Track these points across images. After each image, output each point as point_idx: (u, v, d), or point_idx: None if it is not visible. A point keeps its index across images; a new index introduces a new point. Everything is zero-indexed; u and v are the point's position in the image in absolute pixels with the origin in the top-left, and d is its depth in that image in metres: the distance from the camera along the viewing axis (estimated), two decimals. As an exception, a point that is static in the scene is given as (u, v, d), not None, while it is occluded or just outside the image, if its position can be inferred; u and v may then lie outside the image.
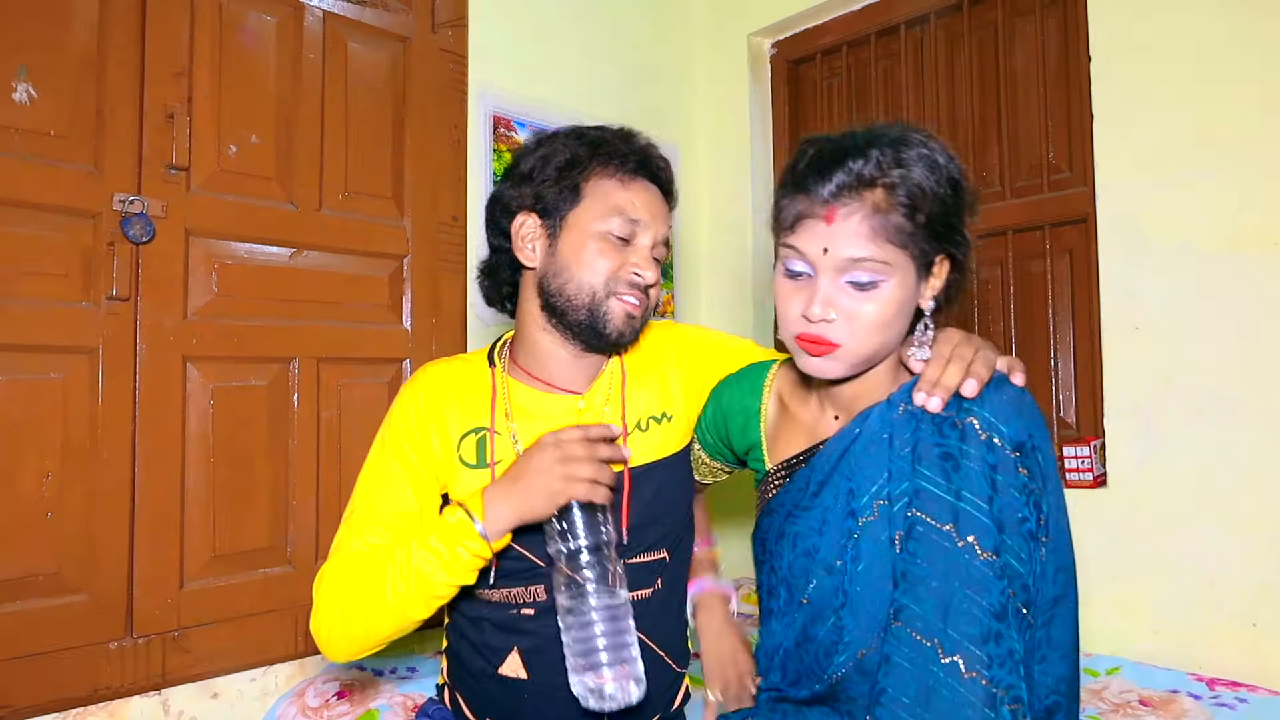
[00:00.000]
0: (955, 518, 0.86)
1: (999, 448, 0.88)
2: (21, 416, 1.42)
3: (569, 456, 1.02)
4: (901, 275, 0.90)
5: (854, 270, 0.89)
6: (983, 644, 0.82)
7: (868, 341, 0.92)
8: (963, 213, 0.94)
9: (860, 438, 0.97)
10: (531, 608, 1.14)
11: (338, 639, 1.09)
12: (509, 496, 1.03)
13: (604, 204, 1.14)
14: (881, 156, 0.89)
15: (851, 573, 0.94)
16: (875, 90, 2.41)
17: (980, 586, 0.83)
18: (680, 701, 1.26)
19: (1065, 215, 2.02)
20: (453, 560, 1.02)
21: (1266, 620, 1.66)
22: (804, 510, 1.00)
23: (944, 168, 0.91)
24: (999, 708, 0.80)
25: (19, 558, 1.41)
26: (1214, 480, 1.72)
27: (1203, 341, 1.73)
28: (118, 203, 1.50)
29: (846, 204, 0.89)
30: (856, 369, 0.96)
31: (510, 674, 1.14)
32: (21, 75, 1.43)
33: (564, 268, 1.14)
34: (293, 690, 1.66)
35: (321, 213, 1.79)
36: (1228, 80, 1.71)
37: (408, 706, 1.54)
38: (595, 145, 1.17)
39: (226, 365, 1.65)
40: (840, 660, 0.95)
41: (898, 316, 0.92)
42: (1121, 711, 1.56)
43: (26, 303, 1.43)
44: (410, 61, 1.94)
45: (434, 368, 1.26)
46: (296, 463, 1.72)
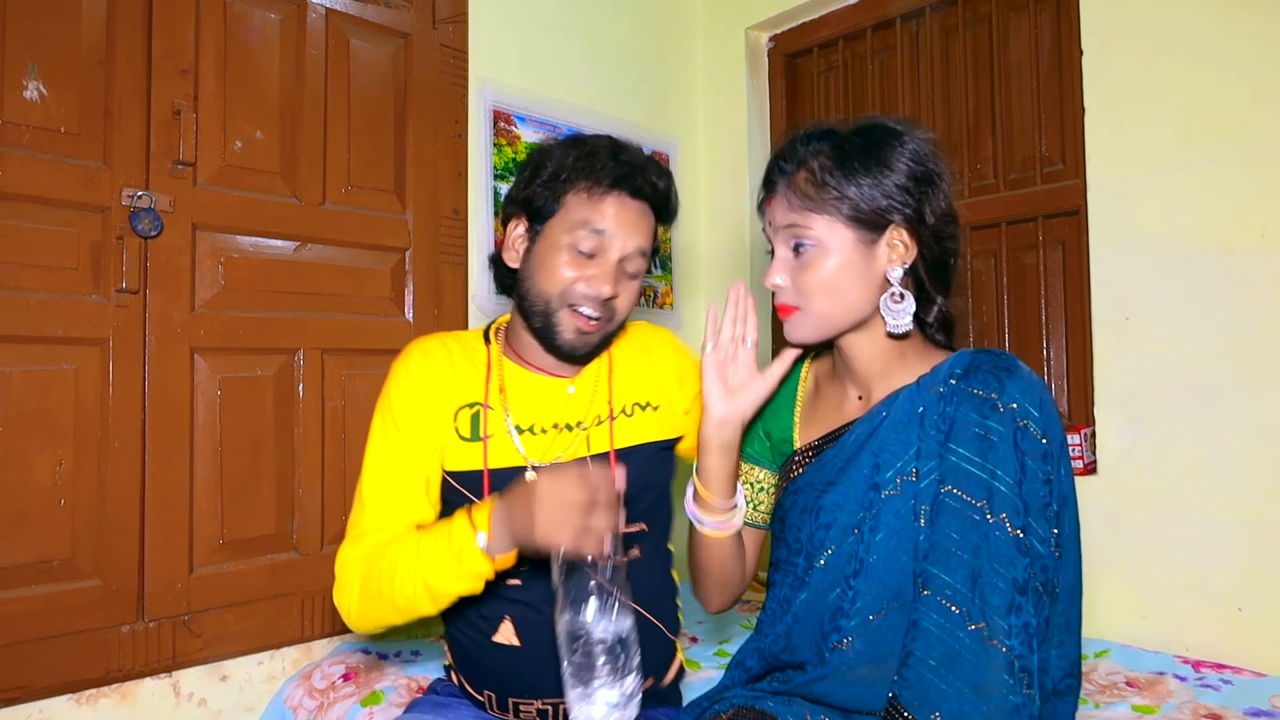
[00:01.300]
0: (989, 495, 0.91)
1: (1030, 433, 0.93)
2: (35, 406, 1.46)
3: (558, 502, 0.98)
4: (837, 240, 1.01)
5: (788, 237, 1.03)
6: (1005, 615, 0.88)
7: (820, 303, 1.02)
8: (912, 182, 1.01)
9: (888, 419, 1.02)
10: (518, 577, 1.18)
11: (357, 618, 1.16)
12: (507, 518, 1.03)
13: (575, 216, 1.17)
14: (804, 146, 1.05)
15: (869, 541, 1.00)
16: (871, 84, 2.44)
17: (1007, 561, 0.89)
18: (674, 676, 1.31)
19: (1058, 207, 2.05)
20: (457, 571, 1.05)
21: (1252, 604, 1.70)
22: (831, 486, 1.05)
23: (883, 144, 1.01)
24: (1016, 674, 0.87)
25: (34, 543, 1.45)
26: (1201, 468, 1.75)
27: (1191, 332, 1.76)
28: (126, 198, 1.54)
29: (778, 189, 1.06)
30: (825, 333, 1.05)
31: (504, 642, 1.19)
32: (32, 73, 1.46)
33: (532, 274, 1.20)
34: (299, 673, 1.71)
35: (325, 207, 1.82)
36: (1217, 75, 1.73)
37: (412, 688, 1.57)
38: (579, 157, 1.19)
39: (233, 356, 1.68)
40: (846, 625, 1.00)
41: (846, 279, 1.01)
42: (1108, 692, 1.60)
43: (39, 295, 1.46)
44: (411, 57, 1.97)
45: (428, 341, 1.29)
46: (302, 452, 1.76)
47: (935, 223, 1.02)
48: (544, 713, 1.21)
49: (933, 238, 1.02)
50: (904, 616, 0.96)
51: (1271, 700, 1.52)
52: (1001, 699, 0.86)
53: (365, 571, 1.13)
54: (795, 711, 0.97)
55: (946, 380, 0.99)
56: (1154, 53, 1.81)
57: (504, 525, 1.03)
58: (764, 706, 0.99)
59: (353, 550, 1.17)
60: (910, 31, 2.36)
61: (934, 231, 1.02)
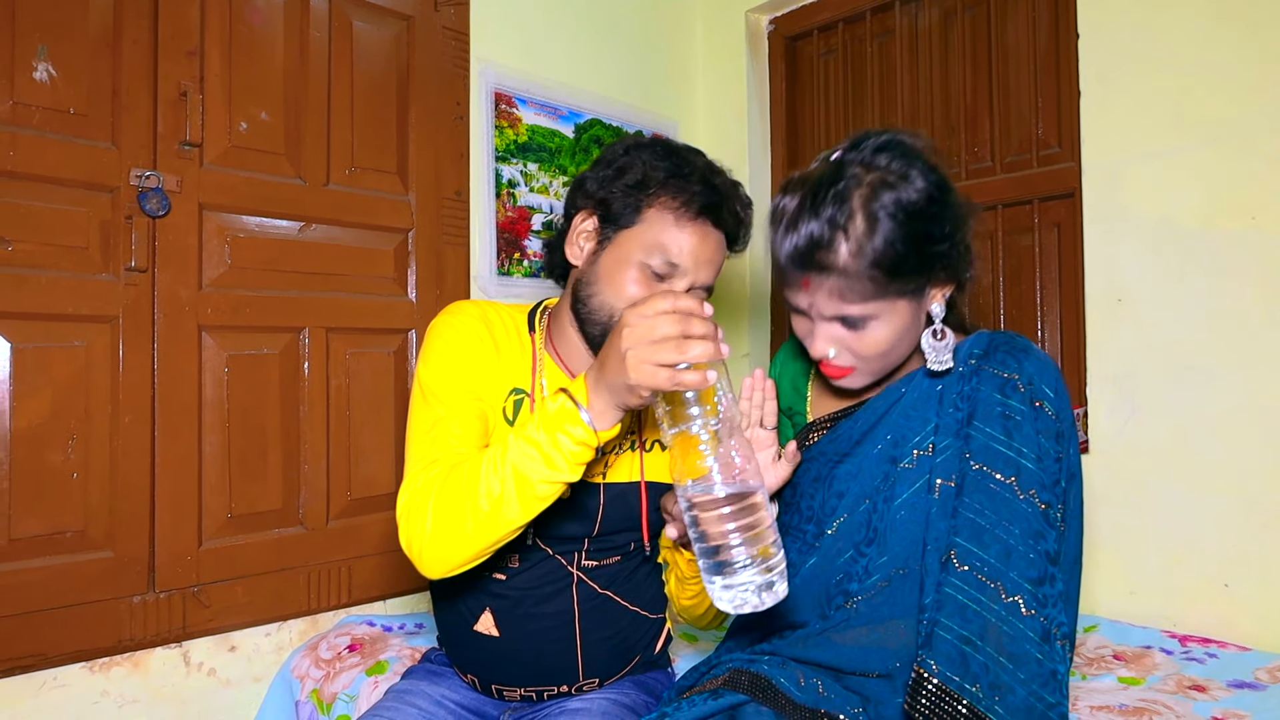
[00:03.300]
0: (1018, 472, 0.94)
1: (1045, 412, 0.97)
2: (48, 382, 1.49)
3: (645, 338, 0.87)
4: (889, 311, 0.98)
5: (838, 320, 0.99)
6: (1038, 585, 0.91)
7: (875, 361, 1.02)
8: (947, 233, 0.97)
9: (906, 395, 1.05)
10: (504, 573, 1.20)
11: (431, 552, 1.01)
12: (600, 380, 0.93)
13: (654, 235, 1.11)
14: (838, 217, 0.94)
15: (882, 511, 1.03)
16: (870, 66, 2.45)
17: (1038, 534, 0.93)
18: (662, 644, 1.34)
19: (1053, 190, 2.07)
20: (554, 450, 0.94)
21: (1237, 580, 1.73)
22: (846, 457, 1.08)
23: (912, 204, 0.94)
24: (1052, 642, 0.90)
25: (48, 516, 1.49)
26: (1190, 447, 1.78)
27: (1182, 313, 1.79)
28: (135, 178, 1.56)
29: (813, 276, 0.97)
30: (879, 375, 1.05)
31: (484, 631, 1.20)
32: (42, 55, 1.49)
33: (597, 279, 1.13)
34: (306, 644, 1.75)
35: (329, 188, 1.85)
36: (1210, 60, 1.75)
37: (415, 659, 1.61)
38: (671, 172, 1.12)
39: (240, 334, 1.71)
40: (856, 588, 1.03)
41: (899, 339, 1.00)
42: (1095, 665, 1.64)
43: (50, 273, 1.49)
44: (414, 39, 1.99)
45: (477, 304, 1.23)
46: (307, 428, 1.80)
47: (968, 249, 1.03)
48: (528, 697, 1.23)
49: (965, 266, 1.03)
50: (908, 584, 1.00)
51: (1255, 673, 1.56)
52: (1039, 666, 0.89)
53: (438, 490, 1.00)
54: (789, 674, 1.01)
55: (966, 360, 1.02)
56: (1149, 37, 1.83)
57: (599, 387, 0.93)
58: (758, 669, 1.03)
59: (419, 478, 1.04)
60: (909, 15, 2.37)
61: (968, 262, 1.03)
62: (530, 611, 1.19)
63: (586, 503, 1.18)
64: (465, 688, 1.27)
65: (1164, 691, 1.49)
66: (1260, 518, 1.70)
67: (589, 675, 1.23)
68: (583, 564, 1.21)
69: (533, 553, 1.20)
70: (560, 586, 1.20)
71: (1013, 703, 0.88)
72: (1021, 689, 0.88)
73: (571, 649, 1.20)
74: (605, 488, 1.19)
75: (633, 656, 1.28)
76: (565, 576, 1.21)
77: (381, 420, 1.91)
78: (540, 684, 1.22)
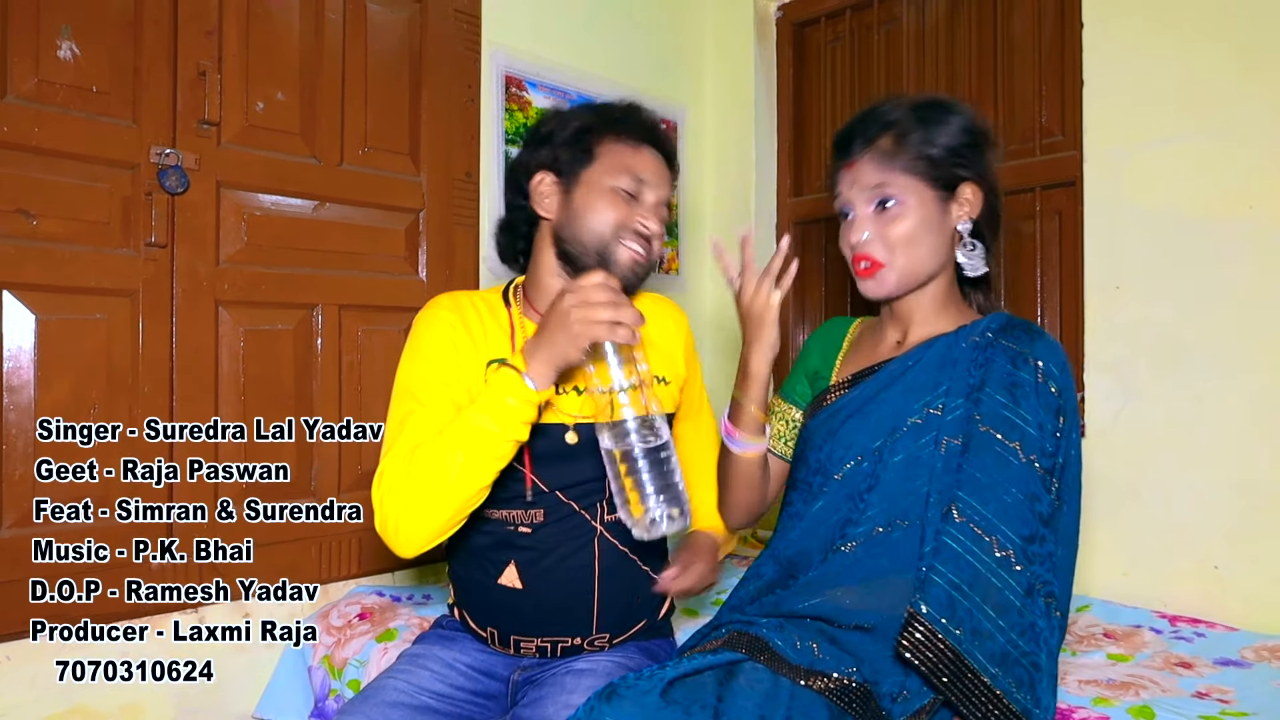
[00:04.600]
0: (1021, 438, 1.02)
1: (1048, 389, 1.05)
2: (70, 353, 1.54)
3: (585, 301, 1.06)
4: (918, 198, 1.12)
5: (874, 196, 1.13)
6: (1029, 543, 0.99)
7: (903, 258, 1.13)
8: (973, 146, 1.15)
9: (924, 359, 1.13)
10: (529, 527, 1.27)
11: (406, 527, 1.13)
12: (539, 347, 1.10)
13: (615, 163, 1.28)
14: (883, 114, 1.15)
15: (887, 461, 1.10)
16: (877, 53, 2.47)
17: (1034, 496, 1.01)
18: (666, 611, 1.40)
19: (1055, 178, 2.09)
20: (502, 411, 1.09)
21: (1227, 563, 1.77)
22: (858, 413, 1.16)
23: (949, 115, 1.14)
24: (1035, 597, 0.98)
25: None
26: (1184, 433, 1.82)
27: (1179, 300, 1.82)
28: (154, 155, 1.60)
29: (862, 153, 1.15)
30: (904, 286, 1.15)
31: (508, 584, 1.27)
32: (65, 34, 1.52)
33: (577, 217, 1.28)
34: (317, 612, 1.80)
35: (342, 167, 1.88)
36: (1212, 50, 1.78)
37: (424, 627, 1.66)
38: (607, 115, 1.31)
39: (255, 310, 1.76)
40: (853, 532, 1.09)
41: (925, 233, 1.12)
42: (1085, 643, 1.68)
43: (73, 247, 1.54)
44: (426, 22, 2.02)
45: (452, 296, 1.37)
46: (320, 403, 1.84)
47: (993, 179, 1.16)
48: (543, 649, 1.30)
49: (992, 193, 1.16)
50: (909, 536, 1.06)
51: (1241, 651, 1.60)
52: (1019, 617, 0.96)
53: (404, 473, 1.14)
54: (785, 637, 1.05)
55: (984, 333, 1.10)
56: (1152, 27, 1.85)
57: (538, 353, 1.10)
58: (756, 632, 1.07)
59: (387, 467, 1.17)
60: (916, 2, 2.39)
61: (991, 187, 1.16)
62: (554, 565, 1.27)
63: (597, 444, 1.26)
64: (477, 650, 1.33)
65: (1151, 668, 1.53)
66: (1251, 501, 1.74)
67: (601, 630, 1.29)
68: (605, 519, 1.29)
69: (557, 508, 1.27)
70: (583, 542, 1.28)
71: (991, 649, 0.94)
72: (1001, 637, 0.93)
73: (589, 602, 1.28)
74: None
75: (640, 618, 1.34)
76: (588, 532, 1.28)
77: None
78: (556, 635, 1.28)
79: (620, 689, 0.94)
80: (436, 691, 1.24)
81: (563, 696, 1.17)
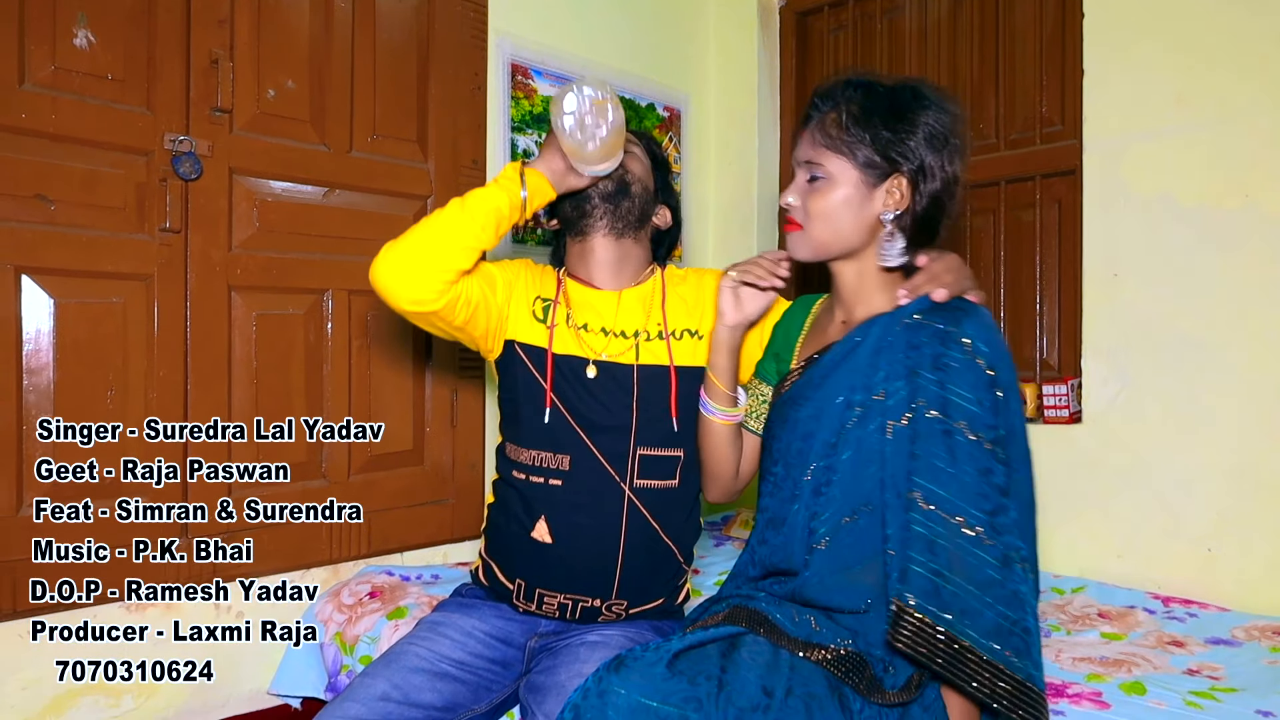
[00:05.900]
0: (964, 415, 1.04)
1: (979, 365, 1.06)
2: (87, 336, 1.57)
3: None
4: (844, 178, 1.15)
5: (809, 169, 1.17)
6: (993, 516, 1.01)
7: (818, 227, 1.17)
8: (926, 142, 1.13)
9: (863, 344, 1.15)
10: (559, 478, 1.34)
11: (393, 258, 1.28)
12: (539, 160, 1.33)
13: None
14: (840, 91, 1.18)
15: (840, 451, 1.12)
16: (880, 43, 2.49)
17: (986, 471, 1.03)
18: (683, 599, 1.45)
19: (1055, 167, 2.12)
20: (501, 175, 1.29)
21: (1220, 546, 1.81)
22: (806, 400, 1.18)
23: (910, 106, 1.14)
24: (1011, 566, 1.00)
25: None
26: (1178, 418, 1.85)
27: (1175, 288, 1.85)
28: (168, 142, 1.63)
29: (811, 125, 1.19)
30: (819, 254, 1.19)
31: (539, 538, 1.34)
32: (81, 22, 1.55)
33: None
34: (329, 590, 1.84)
35: (351, 154, 1.91)
36: (1210, 42, 1.80)
37: (433, 605, 1.70)
38: None
39: (267, 295, 1.79)
40: (821, 529, 1.12)
41: (845, 211, 1.15)
42: (1080, 622, 1.72)
43: (90, 232, 1.57)
44: (434, 11, 2.04)
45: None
46: (330, 386, 1.88)
47: (935, 185, 1.14)
48: (564, 606, 1.35)
49: (928, 197, 1.14)
50: (874, 520, 1.08)
51: (1232, 631, 1.64)
52: (1001, 588, 0.99)
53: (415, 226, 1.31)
54: (784, 611, 1.09)
55: (912, 315, 1.11)
56: (1152, 18, 1.87)
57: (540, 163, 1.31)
58: (756, 606, 1.11)
59: None
60: (919, -8, 2.41)
61: (931, 192, 1.14)
62: (584, 523, 1.33)
63: (624, 381, 1.36)
64: (496, 617, 1.38)
65: (1144, 646, 1.57)
66: (1243, 485, 1.77)
67: (621, 595, 1.35)
68: (635, 484, 1.35)
69: (584, 457, 1.34)
70: (613, 505, 1.34)
71: (983, 625, 0.96)
72: (989, 612, 0.97)
73: (613, 563, 1.33)
74: (639, 369, 1.37)
75: (657, 594, 1.39)
76: (618, 495, 1.34)
77: (400, 379, 1.99)
78: (578, 592, 1.34)
79: (628, 660, 0.97)
80: (456, 659, 1.30)
81: (575, 665, 1.22)
